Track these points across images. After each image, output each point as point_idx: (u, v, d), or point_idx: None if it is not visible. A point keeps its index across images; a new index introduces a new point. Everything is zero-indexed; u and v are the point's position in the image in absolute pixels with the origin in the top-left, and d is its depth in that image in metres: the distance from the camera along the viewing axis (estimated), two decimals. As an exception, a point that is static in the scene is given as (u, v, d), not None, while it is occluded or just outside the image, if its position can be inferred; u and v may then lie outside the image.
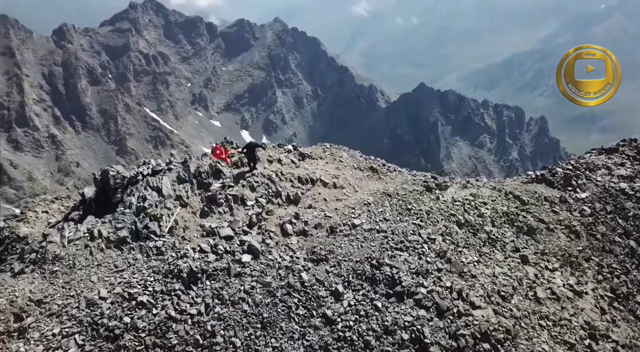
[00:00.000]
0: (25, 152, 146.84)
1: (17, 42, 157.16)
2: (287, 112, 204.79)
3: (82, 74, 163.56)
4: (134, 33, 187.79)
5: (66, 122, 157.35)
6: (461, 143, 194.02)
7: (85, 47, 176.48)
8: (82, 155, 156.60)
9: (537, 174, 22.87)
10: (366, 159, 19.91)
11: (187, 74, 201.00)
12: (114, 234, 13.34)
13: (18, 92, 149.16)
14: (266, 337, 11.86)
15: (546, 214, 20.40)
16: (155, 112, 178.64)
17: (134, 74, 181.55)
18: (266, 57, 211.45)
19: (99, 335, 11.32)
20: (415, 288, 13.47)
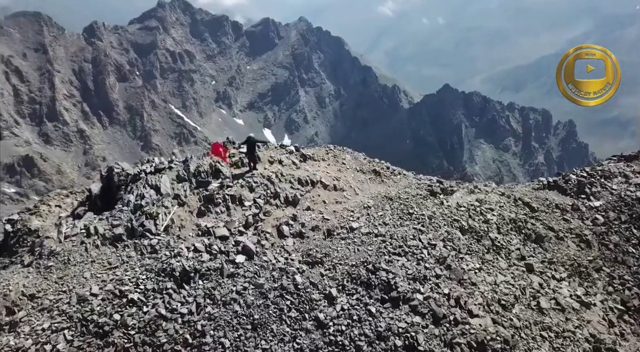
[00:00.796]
0: (55, 146, 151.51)
1: (50, 39, 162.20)
2: (310, 112, 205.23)
3: (110, 71, 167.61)
4: (162, 31, 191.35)
5: (94, 118, 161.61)
6: (485, 146, 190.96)
7: (115, 45, 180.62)
8: (108, 150, 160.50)
9: (549, 181, 22.37)
10: (369, 162, 19.74)
11: (212, 72, 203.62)
12: (110, 231, 13.49)
13: (49, 88, 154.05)
14: (256, 338, 11.85)
15: (556, 222, 19.91)
16: (180, 109, 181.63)
17: (160, 71, 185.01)
18: (290, 56, 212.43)
19: (88, 331, 11.42)
20: (412, 294, 13.29)
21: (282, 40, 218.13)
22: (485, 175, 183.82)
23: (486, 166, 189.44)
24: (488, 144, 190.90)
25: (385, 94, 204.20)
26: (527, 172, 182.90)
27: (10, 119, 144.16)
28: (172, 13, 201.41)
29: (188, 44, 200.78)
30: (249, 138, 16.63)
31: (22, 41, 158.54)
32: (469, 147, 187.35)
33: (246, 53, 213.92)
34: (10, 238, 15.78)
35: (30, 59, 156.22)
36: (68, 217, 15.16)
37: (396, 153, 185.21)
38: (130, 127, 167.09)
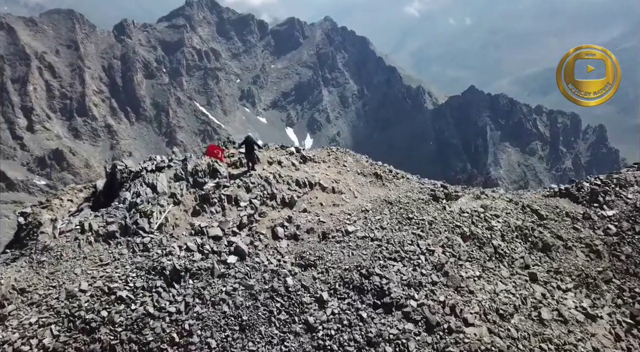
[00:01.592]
0: (84, 140, 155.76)
1: (82, 36, 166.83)
2: (332, 111, 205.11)
3: (138, 68, 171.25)
4: (189, 29, 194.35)
5: (122, 113, 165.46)
6: (510, 149, 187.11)
7: (143, 42, 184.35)
8: (134, 145, 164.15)
9: (560, 188, 21.81)
10: (372, 165, 19.54)
11: (236, 70, 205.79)
12: (104, 228, 13.61)
13: (80, 83, 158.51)
14: (244, 340, 11.79)
15: (565, 231, 19.40)
16: (205, 106, 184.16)
17: (187, 69, 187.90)
18: (314, 55, 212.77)
19: (75, 327, 11.47)
20: (405, 300, 13.09)
21: (307, 39, 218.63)
22: (510, 179, 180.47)
23: (511, 170, 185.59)
24: (514, 148, 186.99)
25: (409, 95, 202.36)
26: (553, 177, 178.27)
27: (43, 114, 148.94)
28: (200, 11, 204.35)
29: (214, 42, 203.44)
30: (247, 138, 16.49)
31: (55, 38, 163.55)
32: (494, 150, 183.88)
33: (271, 52, 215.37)
34: (22, 231, 16.27)
35: (62, 55, 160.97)
36: (76, 212, 15.57)
37: (419, 155, 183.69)
38: (156, 123, 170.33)
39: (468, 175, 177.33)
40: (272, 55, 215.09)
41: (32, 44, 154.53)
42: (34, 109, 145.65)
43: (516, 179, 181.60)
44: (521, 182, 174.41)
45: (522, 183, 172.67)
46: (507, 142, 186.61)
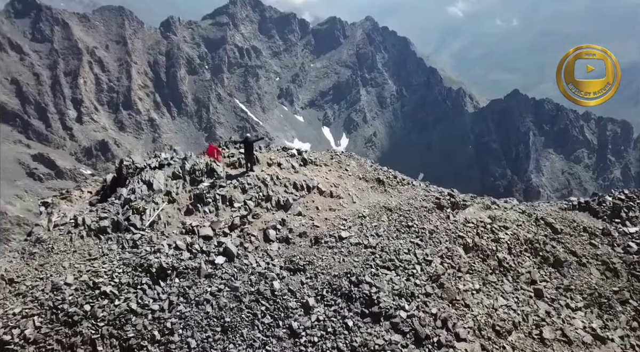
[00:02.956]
0: (128, 132, 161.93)
1: (130, 32, 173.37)
2: (369, 111, 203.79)
3: (181, 64, 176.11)
4: (232, 27, 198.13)
5: (164, 108, 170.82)
6: (554, 156, 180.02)
7: (187, 39, 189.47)
8: (175, 139, 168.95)
9: (580, 201, 20.88)
10: (375, 170, 19.20)
11: (276, 68, 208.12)
12: (97, 223, 13.76)
13: (127, 78, 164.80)
14: (225, 341, 11.77)
15: (581, 246, 18.57)
16: (244, 103, 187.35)
17: (228, 66, 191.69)
18: (354, 55, 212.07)
19: (58, 319, 11.59)
20: (394, 311, 12.79)
21: (347, 39, 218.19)
22: (552, 187, 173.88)
23: (554, 178, 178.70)
24: (558, 155, 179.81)
25: (449, 97, 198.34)
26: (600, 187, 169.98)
27: (91, 106, 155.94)
28: (243, 10, 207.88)
29: (255, 40, 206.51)
30: (246, 138, 16.46)
31: (105, 34, 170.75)
32: (536, 156, 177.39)
33: (311, 51, 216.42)
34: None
35: (111, 51, 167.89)
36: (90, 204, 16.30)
37: (456, 158, 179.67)
38: (197, 118, 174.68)
39: (508, 181, 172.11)
40: (311, 54, 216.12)
41: (84, 39, 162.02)
42: (83, 101, 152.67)
43: (559, 188, 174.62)
44: (564, 191, 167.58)
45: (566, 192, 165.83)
46: (551, 149, 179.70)
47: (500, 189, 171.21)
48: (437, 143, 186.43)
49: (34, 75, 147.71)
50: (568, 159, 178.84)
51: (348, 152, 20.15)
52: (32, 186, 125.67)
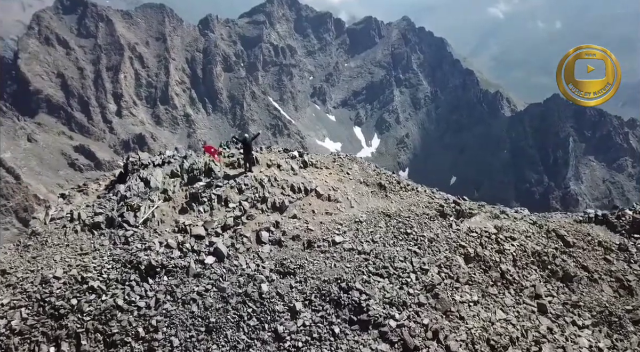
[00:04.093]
0: (164, 127, 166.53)
1: (170, 29, 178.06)
2: (402, 112, 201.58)
3: (218, 61, 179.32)
4: (268, 25, 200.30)
5: (200, 104, 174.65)
6: (595, 164, 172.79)
7: (224, 37, 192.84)
8: (209, 135, 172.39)
9: (597, 214, 20.03)
10: (378, 174, 18.81)
11: (310, 67, 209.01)
12: (91, 218, 14.04)
13: (165, 74, 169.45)
14: (208, 342, 11.76)
15: (594, 262, 17.84)
16: (278, 101, 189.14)
17: (263, 64, 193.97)
18: (389, 55, 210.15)
19: (44, 312, 11.77)
20: (384, 319, 12.52)
21: (383, 39, 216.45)
22: (592, 196, 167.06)
23: (594, 186, 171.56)
24: (599, 163, 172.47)
25: (485, 100, 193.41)
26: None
27: (130, 100, 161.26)
28: (280, 9, 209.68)
29: (291, 39, 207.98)
30: (244, 138, 16.41)
31: (146, 30, 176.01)
32: (576, 163, 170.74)
33: (345, 50, 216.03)
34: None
35: (151, 47, 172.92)
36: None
37: (490, 162, 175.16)
38: (231, 115, 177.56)
39: (544, 188, 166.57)
40: (346, 53, 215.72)
41: (126, 35, 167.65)
42: (123, 95, 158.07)
43: (599, 196, 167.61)
44: (605, 200, 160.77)
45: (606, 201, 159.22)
46: (592, 156, 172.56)
47: (536, 196, 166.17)
48: (471, 146, 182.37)
49: (78, 70, 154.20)
50: (610, 168, 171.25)
51: (351, 155, 19.71)
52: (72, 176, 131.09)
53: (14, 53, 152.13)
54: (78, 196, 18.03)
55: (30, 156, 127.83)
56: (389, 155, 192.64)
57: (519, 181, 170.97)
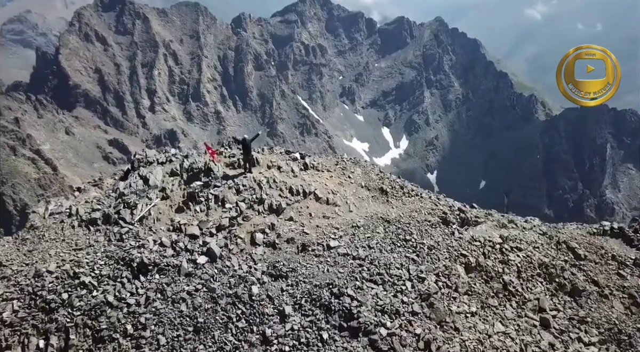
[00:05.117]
0: (195, 123, 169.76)
1: (203, 27, 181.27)
2: (432, 114, 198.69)
3: (249, 60, 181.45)
4: (299, 25, 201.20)
5: (230, 102, 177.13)
6: (634, 172, 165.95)
7: (256, 35, 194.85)
8: (239, 132, 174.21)
9: (612, 227, 19.26)
10: (381, 179, 18.41)
11: (340, 67, 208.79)
12: (89, 214, 14.19)
13: (197, 71, 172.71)
14: (195, 342, 11.76)
15: (605, 276, 17.17)
16: (307, 100, 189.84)
17: (293, 63, 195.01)
18: (420, 56, 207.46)
19: (35, 305, 11.92)
20: (374, 327, 12.29)
21: (414, 39, 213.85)
22: (629, 205, 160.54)
23: (632, 195, 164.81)
24: (638, 171, 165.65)
25: (519, 103, 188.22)
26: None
27: (163, 96, 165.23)
28: (312, 8, 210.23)
29: (322, 39, 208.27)
30: (244, 139, 16.40)
31: (181, 28, 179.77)
32: (613, 171, 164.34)
33: (376, 50, 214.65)
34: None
35: (185, 44, 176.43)
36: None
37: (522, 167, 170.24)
38: (260, 113, 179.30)
39: (578, 195, 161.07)
40: (377, 53, 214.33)
41: (161, 32, 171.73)
42: (156, 91, 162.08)
43: (637, 206, 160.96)
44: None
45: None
46: (631, 164, 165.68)
47: (569, 203, 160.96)
48: (502, 151, 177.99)
49: (115, 66, 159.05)
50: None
51: (355, 158, 19.39)
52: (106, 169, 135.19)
53: (56, 49, 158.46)
54: (92, 190, 18.57)
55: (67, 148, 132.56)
56: (417, 157, 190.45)
57: (552, 187, 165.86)
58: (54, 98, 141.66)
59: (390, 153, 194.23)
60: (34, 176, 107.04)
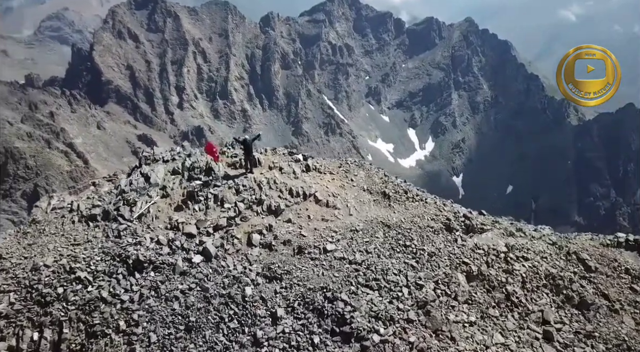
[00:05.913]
0: (222, 121, 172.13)
1: (232, 26, 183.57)
2: (460, 116, 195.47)
3: (276, 58, 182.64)
4: (327, 24, 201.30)
5: (257, 100, 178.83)
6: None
7: (284, 34, 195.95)
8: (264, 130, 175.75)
9: (628, 239, 18.50)
10: (384, 183, 18.05)
11: (367, 67, 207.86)
12: (89, 210, 14.47)
13: (225, 69, 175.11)
14: (186, 340, 11.80)
15: (617, 290, 16.53)
16: (332, 100, 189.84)
17: (320, 62, 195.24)
18: (448, 57, 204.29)
19: (31, 298, 12.16)
20: (367, 333, 12.11)
21: (443, 40, 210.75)
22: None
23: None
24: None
25: (550, 107, 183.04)
26: None
27: (191, 94, 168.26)
28: (340, 8, 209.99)
29: (349, 38, 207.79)
30: (245, 139, 16.40)
31: (210, 26, 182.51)
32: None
33: (404, 51, 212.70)
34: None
35: (214, 43, 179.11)
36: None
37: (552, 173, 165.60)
38: (286, 112, 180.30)
39: (611, 203, 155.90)
40: (404, 54, 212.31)
41: (191, 31, 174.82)
42: (185, 89, 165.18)
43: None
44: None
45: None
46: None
47: (601, 211, 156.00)
48: (531, 155, 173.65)
49: (146, 63, 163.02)
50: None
51: (359, 161, 19.17)
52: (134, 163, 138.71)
53: (90, 45, 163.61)
54: (106, 185, 19.09)
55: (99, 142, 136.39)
56: (443, 160, 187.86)
57: (583, 194, 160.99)
58: (87, 93, 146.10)
59: (416, 155, 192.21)
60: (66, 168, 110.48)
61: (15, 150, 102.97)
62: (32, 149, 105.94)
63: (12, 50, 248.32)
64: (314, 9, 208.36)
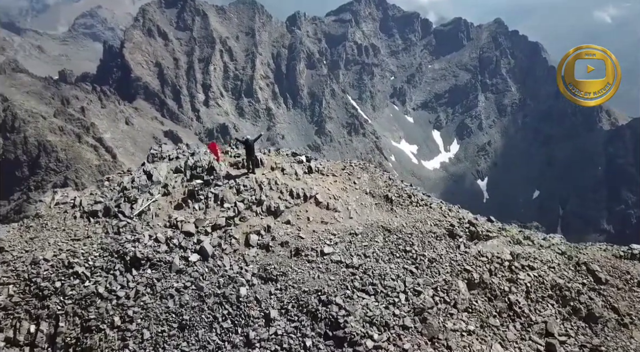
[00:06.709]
0: (246, 119, 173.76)
1: (259, 25, 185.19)
2: (486, 119, 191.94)
3: (302, 58, 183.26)
4: (353, 24, 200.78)
5: (281, 99, 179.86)
6: None
7: (310, 34, 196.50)
8: (287, 129, 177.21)
9: (643, 251, 17.86)
10: (388, 186, 17.75)
11: (392, 67, 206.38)
12: (91, 206, 14.66)
13: (251, 68, 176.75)
14: (179, 338, 11.89)
15: (627, 304, 15.98)
16: (356, 100, 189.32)
17: (345, 62, 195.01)
18: (476, 59, 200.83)
19: (30, 291, 12.41)
20: (360, 338, 11.97)
21: (471, 41, 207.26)
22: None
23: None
24: None
25: (581, 111, 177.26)
26: None
27: (217, 91, 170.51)
28: (367, 8, 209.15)
29: (375, 39, 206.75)
30: (246, 139, 16.39)
31: (237, 25, 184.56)
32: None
33: (430, 51, 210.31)
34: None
35: (240, 41, 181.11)
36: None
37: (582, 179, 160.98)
38: (310, 111, 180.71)
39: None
40: (431, 55, 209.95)
41: (218, 29, 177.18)
42: (211, 86, 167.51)
43: None
44: None
45: None
46: None
47: (632, 219, 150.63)
48: (560, 160, 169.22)
49: (174, 60, 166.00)
50: None
51: (364, 163, 18.99)
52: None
53: (121, 42, 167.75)
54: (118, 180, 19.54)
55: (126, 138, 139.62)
56: (468, 162, 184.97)
57: (613, 201, 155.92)
58: (117, 89, 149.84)
59: (440, 157, 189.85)
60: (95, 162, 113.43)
61: (48, 144, 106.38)
62: (63, 143, 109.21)
63: (48, 47, 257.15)
64: (341, 9, 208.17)
